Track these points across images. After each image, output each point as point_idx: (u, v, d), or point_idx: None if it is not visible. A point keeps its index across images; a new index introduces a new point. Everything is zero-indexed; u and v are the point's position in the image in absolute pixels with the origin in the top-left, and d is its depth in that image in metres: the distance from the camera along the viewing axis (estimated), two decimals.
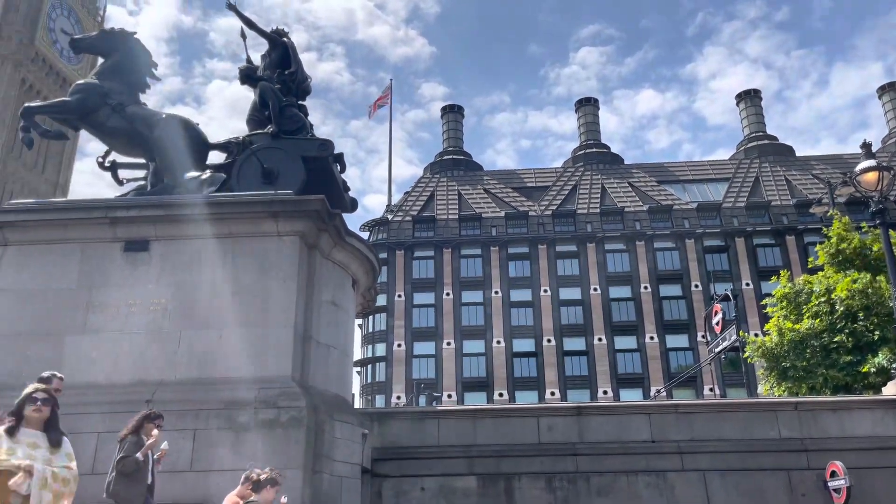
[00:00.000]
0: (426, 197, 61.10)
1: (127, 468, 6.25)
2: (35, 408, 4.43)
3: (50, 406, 4.49)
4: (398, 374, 52.87)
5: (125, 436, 6.48)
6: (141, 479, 6.35)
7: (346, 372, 10.85)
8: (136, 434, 6.48)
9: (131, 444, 6.38)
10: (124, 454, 6.31)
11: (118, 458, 6.33)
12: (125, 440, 6.44)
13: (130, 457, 6.27)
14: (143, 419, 6.58)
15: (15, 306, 9.23)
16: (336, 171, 11.48)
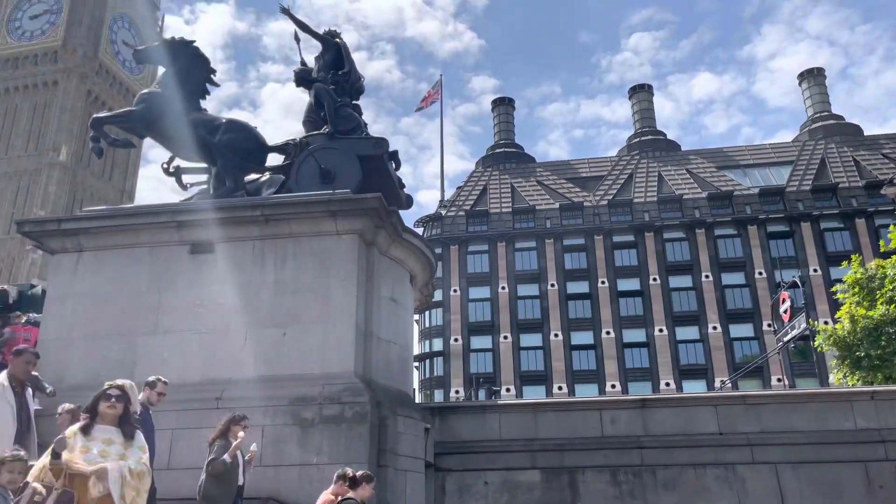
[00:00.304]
0: (479, 191, 61.01)
1: (216, 470, 6.43)
2: (109, 404, 4.59)
3: (123, 403, 4.65)
4: (456, 368, 53.04)
5: (214, 439, 6.68)
6: (231, 480, 6.50)
7: (406, 367, 10.95)
8: (224, 437, 6.67)
9: (220, 446, 6.57)
10: (214, 456, 6.50)
11: (208, 460, 6.52)
12: (214, 443, 6.64)
13: (219, 459, 6.44)
14: (229, 422, 6.78)
15: (91, 309, 9.64)
16: (391, 169, 11.58)
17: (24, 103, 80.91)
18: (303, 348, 9.08)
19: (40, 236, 10.28)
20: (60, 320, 9.74)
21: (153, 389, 6.90)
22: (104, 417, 4.58)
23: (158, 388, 6.90)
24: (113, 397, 4.62)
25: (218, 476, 6.44)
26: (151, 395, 6.90)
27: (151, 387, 6.90)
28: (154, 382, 6.92)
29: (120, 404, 4.62)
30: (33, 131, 79.61)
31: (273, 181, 11.33)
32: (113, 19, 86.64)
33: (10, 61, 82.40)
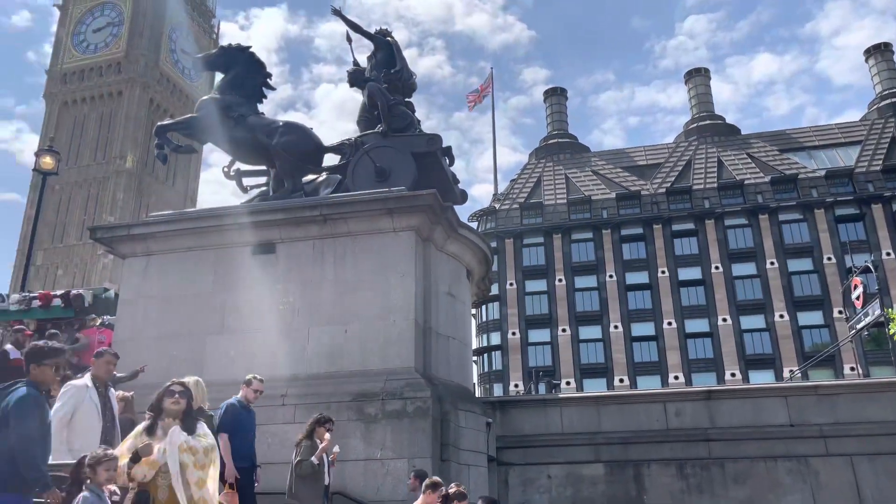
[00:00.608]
0: (533, 183, 60.56)
1: (304, 471, 6.58)
2: (173, 400, 4.72)
3: (186, 399, 4.77)
4: (514, 362, 52.90)
5: (301, 440, 6.83)
6: (318, 480, 6.65)
7: (466, 362, 10.98)
8: (310, 438, 6.80)
9: (306, 448, 6.71)
10: (301, 457, 6.64)
11: (295, 461, 6.67)
12: (301, 444, 6.78)
13: (307, 460, 6.59)
14: (314, 423, 6.91)
15: (161, 311, 9.99)
16: (445, 165, 11.60)
17: (92, 113, 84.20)
18: (363, 345, 9.21)
19: (111, 242, 10.70)
20: (132, 322, 10.13)
21: (249, 387, 7.05)
22: (168, 413, 4.72)
23: (254, 385, 7.05)
24: (176, 393, 4.74)
25: (306, 477, 6.58)
26: (248, 392, 7.03)
27: (248, 384, 7.07)
28: (250, 380, 7.07)
29: (183, 400, 4.74)
30: (100, 140, 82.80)
31: (330, 181, 11.49)
32: (171, 29, 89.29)
33: (76, 73, 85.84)
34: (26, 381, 4.35)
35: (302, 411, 8.75)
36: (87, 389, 5.69)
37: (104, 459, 4.16)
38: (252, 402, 7.09)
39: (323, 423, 6.96)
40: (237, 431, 6.77)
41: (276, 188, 11.21)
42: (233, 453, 6.60)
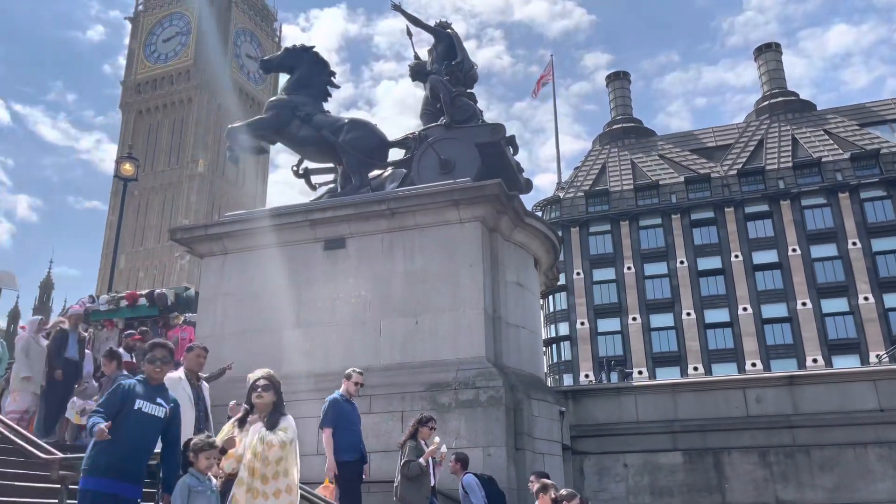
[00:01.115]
0: (597, 170, 59.59)
1: (412, 472, 6.59)
2: (256, 394, 4.85)
3: (271, 391, 4.87)
4: (584, 352, 52.30)
5: (404, 441, 6.86)
6: (425, 481, 6.66)
7: (536, 351, 10.95)
8: (414, 438, 6.84)
9: (411, 448, 6.73)
10: (407, 459, 6.65)
11: (402, 462, 6.69)
12: (405, 445, 6.81)
13: (414, 461, 6.60)
14: (417, 424, 6.96)
15: (239, 307, 10.35)
16: (509, 154, 11.57)
17: (165, 121, 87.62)
18: (435, 335, 9.31)
19: (189, 242, 11.13)
20: (212, 318, 10.52)
21: (349, 380, 7.11)
22: (257, 408, 4.85)
23: (354, 378, 7.10)
24: (259, 388, 4.86)
25: (413, 478, 6.59)
26: (349, 385, 7.11)
27: (348, 378, 7.14)
28: (350, 374, 7.13)
29: (266, 393, 4.83)
30: (173, 146, 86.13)
31: (395, 175, 11.63)
32: (236, 34, 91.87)
33: (149, 83, 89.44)
34: None
35: (377, 402, 8.93)
36: (180, 382, 5.99)
37: (206, 448, 4.31)
38: (354, 395, 7.13)
39: (426, 423, 6.95)
40: (341, 425, 6.83)
41: (343, 185, 11.41)
42: (340, 446, 6.67)
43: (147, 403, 4.40)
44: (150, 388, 4.51)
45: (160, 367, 4.54)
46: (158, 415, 4.46)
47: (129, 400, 4.35)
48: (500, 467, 8.20)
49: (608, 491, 10.20)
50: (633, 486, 10.08)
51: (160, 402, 4.51)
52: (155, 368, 4.53)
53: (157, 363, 4.52)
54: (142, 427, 4.35)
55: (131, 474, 4.25)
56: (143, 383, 4.51)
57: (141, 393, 4.43)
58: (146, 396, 4.43)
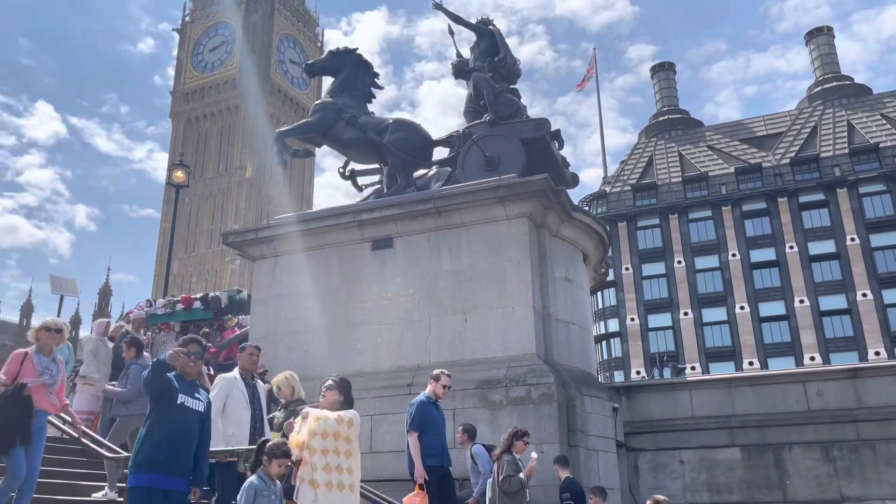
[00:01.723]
0: (644, 163, 58.66)
1: (512, 487, 6.56)
2: (321, 394, 5.02)
3: (335, 391, 5.03)
4: (635, 348, 51.57)
5: (500, 454, 6.81)
6: (523, 496, 6.62)
7: (587, 347, 10.83)
8: (509, 452, 6.80)
9: (508, 463, 6.69)
10: (507, 474, 6.59)
11: (502, 477, 6.61)
12: (501, 458, 6.77)
13: (515, 476, 6.57)
14: (511, 437, 6.92)
15: (290, 308, 10.51)
16: (555, 149, 11.47)
17: (213, 129, 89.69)
18: (484, 333, 9.29)
19: (241, 245, 11.35)
20: (265, 319, 10.71)
21: (438, 382, 6.91)
22: (327, 404, 4.99)
23: (443, 381, 6.90)
24: (324, 388, 5.02)
25: (512, 494, 6.55)
26: (437, 388, 6.91)
27: (436, 380, 6.94)
28: (438, 375, 6.93)
29: (330, 392, 5.00)
30: (222, 153, 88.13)
31: (440, 174, 11.64)
32: (279, 41, 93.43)
33: (197, 92, 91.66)
34: None
35: None
36: (235, 381, 6.12)
37: (282, 456, 4.36)
38: (441, 397, 6.95)
39: (521, 437, 6.91)
40: (428, 429, 6.63)
41: (388, 185, 11.48)
42: (426, 450, 6.49)
43: (188, 398, 4.51)
44: (186, 382, 4.61)
45: (194, 360, 4.63)
46: (199, 409, 4.59)
47: (172, 393, 4.45)
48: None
49: (664, 488, 10.01)
50: (690, 482, 9.89)
51: (198, 396, 4.64)
52: (189, 362, 4.60)
53: (190, 357, 4.60)
54: (185, 421, 4.47)
55: (179, 468, 4.37)
56: (179, 378, 4.59)
57: (180, 387, 4.52)
58: (185, 391, 4.54)
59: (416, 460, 6.39)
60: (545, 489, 7.97)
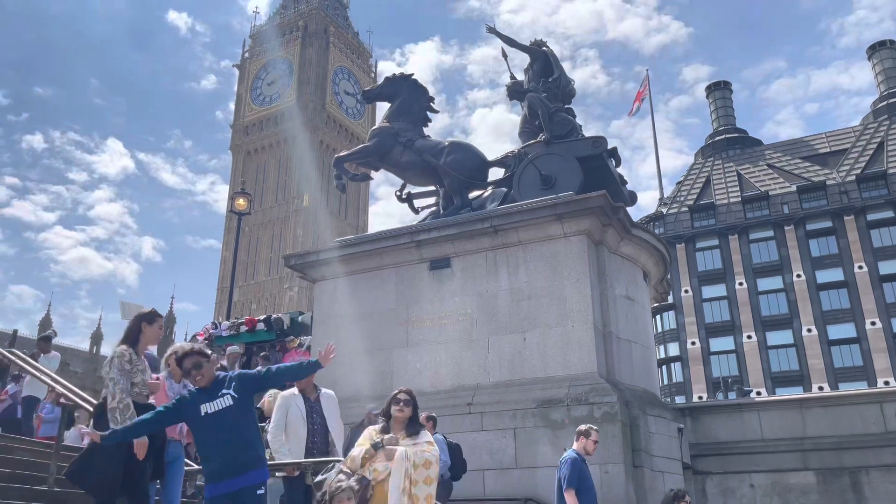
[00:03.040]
0: (701, 183, 57.57)
1: None
2: (398, 408, 4.97)
3: (410, 407, 5.01)
4: (696, 373, 50.17)
5: None
6: None
7: (650, 366, 10.62)
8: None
9: None
10: None
11: None
12: None
13: None
14: (671, 499, 6.90)
15: (351, 329, 10.64)
16: (612, 166, 11.39)
17: (271, 160, 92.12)
18: (544, 352, 9.21)
19: (302, 268, 11.60)
20: (325, 340, 10.77)
21: (588, 438, 6.62)
22: (396, 420, 4.96)
23: (593, 436, 6.63)
24: (401, 402, 4.98)
25: None
26: (587, 444, 6.61)
27: (586, 436, 6.64)
28: (588, 431, 6.65)
29: (407, 408, 4.96)
30: (279, 183, 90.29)
31: (496, 195, 11.69)
32: (334, 73, 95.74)
33: (255, 125, 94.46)
34: None
35: (488, 419, 8.93)
36: (293, 397, 6.21)
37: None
38: (591, 454, 6.67)
39: (681, 499, 6.84)
40: (583, 488, 6.40)
41: (445, 206, 11.58)
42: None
43: (210, 404, 4.54)
44: (205, 391, 4.65)
45: (195, 374, 4.68)
46: (228, 403, 4.56)
47: (190, 410, 4.54)
48: (619, 484, 7.96)
49: None
50: None
51: (222, 394, 4.60)
52: (194, 378, 4.70)
53: (191, 374, 4.69)
54: (219, 425, 4.49)
55: (238, 468, 4.44)
56: (197, 392, 4.69)
57: (200, 399, 4.59)
58: (207, 399, 4.58)
59: None
60: None
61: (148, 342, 5.48)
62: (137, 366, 5.18)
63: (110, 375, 5.03)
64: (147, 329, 5.43)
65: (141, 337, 5.40)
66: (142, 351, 5.43)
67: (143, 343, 5.43)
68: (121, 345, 5.27)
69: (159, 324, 5.51)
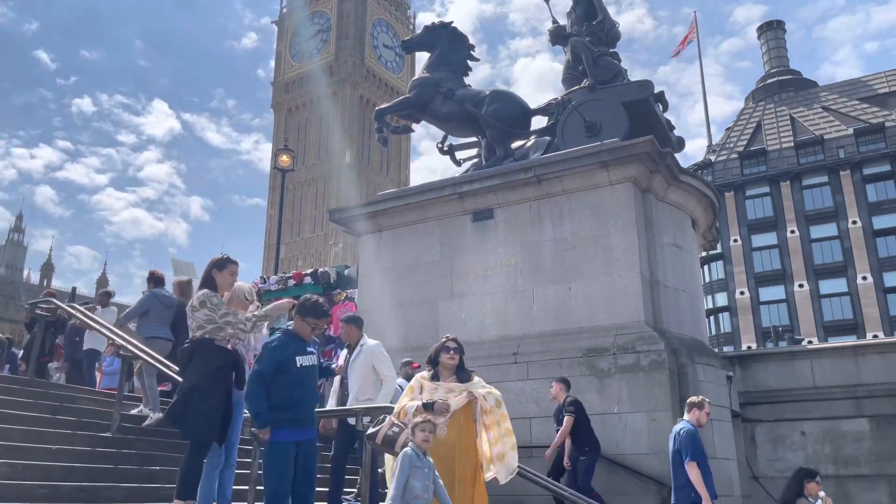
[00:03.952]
0: (752, 129, 55.70)
1: None
2: (449, 356, 5.05)
3: (459, 354, 5.09)
4: (745, 323, 49.44)
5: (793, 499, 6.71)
6: None
7: (698, 315, 10.48)
8: (801, 495, 6.67)
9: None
10: None
11: None
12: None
13: None
14: (800, 478, 6.79)
15: (395, 281, 10.74)
16: (659, 111, 11.07)
17: (312, 116, 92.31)
18: (589, 301, 9.15)
19: (347, 222, 11.68)
20: (371, 293, 11.00)
21: (701, 410, 6.48)
22: (445, 367, 5.04)
23: (706, 408, 6.49)
24: (451, 349, 5.05)
25: None
26: (700, 416, 6.46)
27: (699, 407, 6.49)
28: (701, 403, 6.50)
29: (457, 355, 5.05)
30: (321, 140, 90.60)
31: (539, 144, 11.50)
32: (373, 26, 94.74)
33: (295, 82, 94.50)
34: (283, 328, 5.03)
35: (534, 368, 8.96)
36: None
37: (420, 422, 4.44)
38: (703, 426, 6.52)
39: (812, 477, 6.72)
40: (704, 459, 6.26)
41: (487, 157, 11.44)
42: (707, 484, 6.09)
43: (302, 357, 4.79)
44: (300, 342, 4.85)
45: (320, 323, 5.02)
46: (314, 362, 4.91)
47: (287, 357, 4.73)
48: (666, 431, 7.91)
49: (784, 460, 9.61)
50: (813, 455, 9.44)
51: (310, 350, 4.90)
52: (315, 328, 4.95)
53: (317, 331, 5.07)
54: (304, 380, 4.80)
55: (305, 421, 4.77)
56: (294, 339, 4.83)
57: (295, 349, 4.79)
58: (300, 351, 4.81)
59: (701, 492, 6.03)
60: (659, 457, 7.81)
61: (222, 289, 5.20)
62: (220, 308, 5.00)
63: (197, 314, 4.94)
64: (217, 276, 5.19)
65: (215, 285, 5.18)
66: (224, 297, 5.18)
67: (219, 290, 5.17)
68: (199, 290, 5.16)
69: (230, 269, 5.26)
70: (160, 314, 8.01)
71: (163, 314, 8.03)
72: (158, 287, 8.43)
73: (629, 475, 7.95)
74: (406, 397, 4.98)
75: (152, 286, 8.43)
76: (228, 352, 4.97)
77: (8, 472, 4.87)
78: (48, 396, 6.95)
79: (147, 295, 8.23)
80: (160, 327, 7.94)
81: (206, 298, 4.96)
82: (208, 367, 4.77)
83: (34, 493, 4.73)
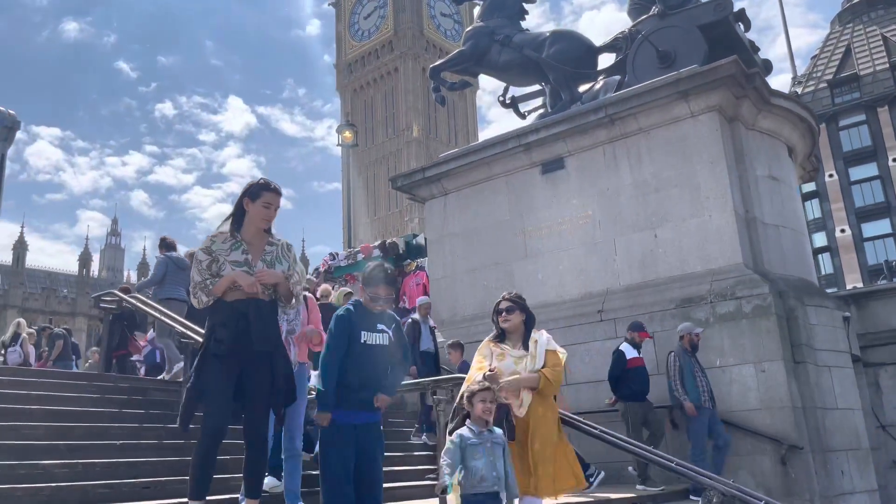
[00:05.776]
0: (840, 54, 51.64)
1: None
2: (502, 318, 4.49)
3: (516, 312, 4.48)
4: (848, 262, 46.30)
5: None
6: None
7: (803, 252, 9.43)
8: None
9: None
10: None
11: None
12: None
13: None
14: None
15: (466, 245, 10.17)
16: (740, 31, 9.95)
17: (377, 94, 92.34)
18: (678, 247, 8.31)
19: (410, 188, 11.16)
20: (442, 260, 10.47)
21: None
22: (508, 332, 4.50)
23: None
24: (503, 310, 4.50)
25: None
26: None
27: None
28: None
29: (510, 315, 4.46)
30: (388, 117, 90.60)
31: (609, 85, 10.58)
32: None
33: (358, 61, 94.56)
34: (354, 300, 4.48)
35: (623, 325, 8.20)
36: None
37: (478, 391, 3.98)
38: None
39: None
40: None
41: (552, 104, 10.66)
42: None
43: (369, 334, 4.22)
44: (370, 317, 4.27)
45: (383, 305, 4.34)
46: (383, 342, 4.27)
47: (354, 334, 4.21)
48: (780, 384, 7.09)
49: None
50: None
51: (381, 327, 4.28)
52: (376, 306, 4.30)
53: (380, 301, 4.30)
54: (370, 359, 4.20)
55: (366, 404, 4.19)
56: (363, 313, 4.27)
57: (362, 323, 4.23)
58: (368, 327, 4.24)
59: None
60: (771, 412, 7.00)
61: (253, 224, 3.95)
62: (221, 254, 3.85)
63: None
64: (250, 207, 3.94)
65: (245, 219, 3.96)
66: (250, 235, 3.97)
67: (247, 226, 3.96)
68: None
69: (264, 199, 3.93)
70: (175, 276, 8.50)
71: (177, 276, 8.48)
72: (170, 251, 8.88)
73: (739, 433, 7.16)
74: (474, 369, 4.43)
75: (164, 251, 8.85)
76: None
77: (67, 473, 4.63)
78: (115, 390, 6.79)
79: (161, 260, 8.70)
80: (174, 289, 8.45)
81: (200, 250, 3.94)
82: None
83: (93, 494, 4.46)
